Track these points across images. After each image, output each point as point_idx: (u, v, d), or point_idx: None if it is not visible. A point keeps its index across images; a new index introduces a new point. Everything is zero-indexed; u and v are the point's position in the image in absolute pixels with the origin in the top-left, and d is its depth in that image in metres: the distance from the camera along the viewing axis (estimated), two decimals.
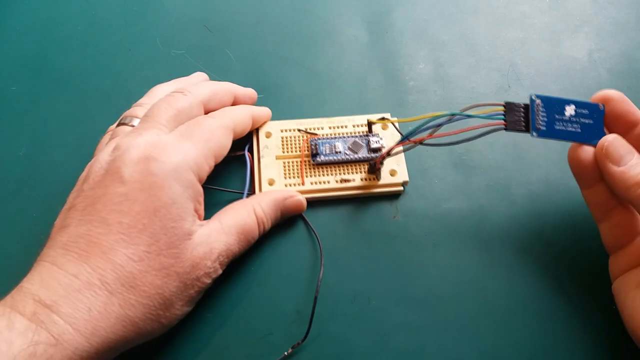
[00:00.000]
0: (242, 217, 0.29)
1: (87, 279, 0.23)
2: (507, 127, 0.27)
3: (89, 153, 0.33)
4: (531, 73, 0.39)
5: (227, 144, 0.30)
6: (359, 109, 0.37)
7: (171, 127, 0.29)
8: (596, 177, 0.27)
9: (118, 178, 0.25)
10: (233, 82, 0.35)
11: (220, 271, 0.28)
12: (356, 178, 0.32)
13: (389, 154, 0.30)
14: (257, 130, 0.34)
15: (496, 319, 0.29)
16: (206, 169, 0.28)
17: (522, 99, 0.37)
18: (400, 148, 0.29)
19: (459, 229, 0.32)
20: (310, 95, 0.38)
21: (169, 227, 0.25)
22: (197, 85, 0.32)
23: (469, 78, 0.39)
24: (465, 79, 0.39)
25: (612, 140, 0.26)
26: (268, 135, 0.34)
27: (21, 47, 0.40)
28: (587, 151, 0.27)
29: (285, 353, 0.27)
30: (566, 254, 0.31)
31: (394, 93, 0.38)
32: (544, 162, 0.34)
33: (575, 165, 0.28)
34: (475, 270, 0.30)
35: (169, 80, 0.35)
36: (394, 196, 0.33)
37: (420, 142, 0.28)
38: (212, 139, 0.28)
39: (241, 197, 0.31)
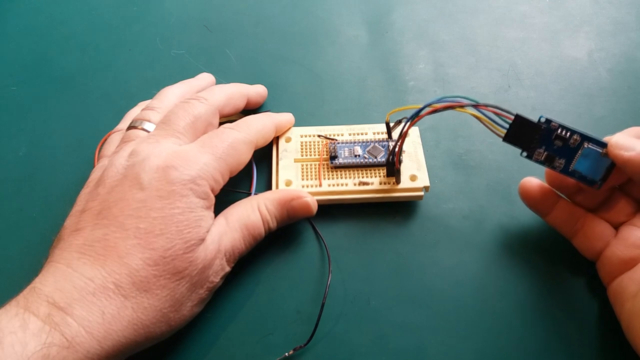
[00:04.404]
0: (246, 213, 0.29)
1: (102, 283, 0.24)
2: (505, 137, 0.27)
3: (89, 153, 0.34)
4: (531, 73, 0.39)
5: (246, 160, 0.30)
6: (359, 109, 0.37)
7: (188, 135, 0.29)
8: (551, 201, 0.29)
9: (137, 184, 0.26)
10: (232, 82, 0.35)
11: (228, 268, 0.28)
12: (375, 182, 0.32)
13: (402, 145, 0.30)
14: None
15: (496, 318, 0.29)
16: (221, 183, 0.28)
17: (521, 99, 0.37)
18: (415, 129, 0.29)
19: (459, 229, 0.32)
20: (310, 95, 0.38)
21: (185, 233, 0.25)
22: (212, 91, 0.32)
23: (469, 78, 0.39)
24: (465, 79, 0.39)
25: (619, 135, 0.26)
26: (288, 140, 0.34)
27: (21, 47, 0.40)
28: (535, 183, 0.30)
29: (287, 354, 0.27)
30: (566, 254, 0.31)
31: (394, 93, 0.38)
32: None
33: (530, 199, 0.30)
34: (475, 270, 0.30)
35: (170, 80, 0.35)
36: (408, 212, 0.32)
37: (421, 115, 0.28)
38: (232, 154, 0.28)
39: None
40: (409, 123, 0.29)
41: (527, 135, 0.27)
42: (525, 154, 0.28)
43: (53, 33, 0.41)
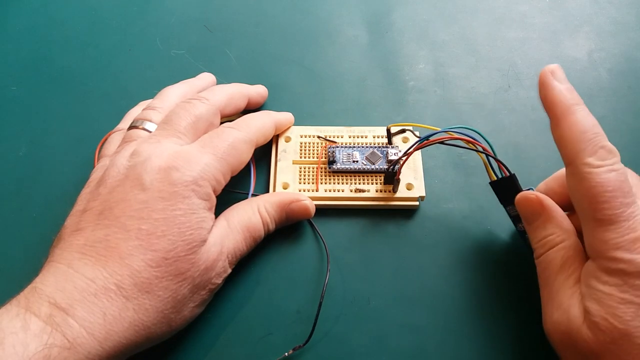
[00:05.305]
0: (248, 215, 0.29)
1: (104, 284, 0.24)
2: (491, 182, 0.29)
3: (89, 153, 0.34)
4: (531, 73, 0.39)
5: (247, 159, 0.30)
6: (359, 109, 0.37)
7: (189, 135, 0.29)
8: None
9: (139, 185, 0.26)
10: (233, 83, 0.35)
11: (229, 270, 0.28)
12: (371, 189, 0.32)
13: (406, 156, 0.30)
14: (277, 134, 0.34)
15: (496, 319, 0.29)
16: (222, 183, 0.28)
17: (521, 99, 0.37)
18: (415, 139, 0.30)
19: (459, 229, 0.32)
20: (310, 95, 0.38)
21: (187, 235, 0.25)
22: (213, 91, 0.32)
23: (469, 78, 0.39)
24: (465, 79, 0.39)
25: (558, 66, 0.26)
26: (287, 139, 0.34)
27: (21, 47, 0.40)
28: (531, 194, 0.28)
29: (286, 354, 0.27)
30: None
31: (394, 93, 0.38)
32: (544, 162, 0.34)
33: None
34: (475, 270, 0.30)
35: (170, 80, 0.35)
36: (408, 211, 0.32)
37: (441, 142, 0.29)
38: (233, 153, 0.28)
39: (246, 198, 0.31)
40: (419, 143, 0.29)
41: (509, 191, 0.29)
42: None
43: (53, 33, 0.41)
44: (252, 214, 0.29)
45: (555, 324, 0.25)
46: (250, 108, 0.35)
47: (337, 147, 0.33)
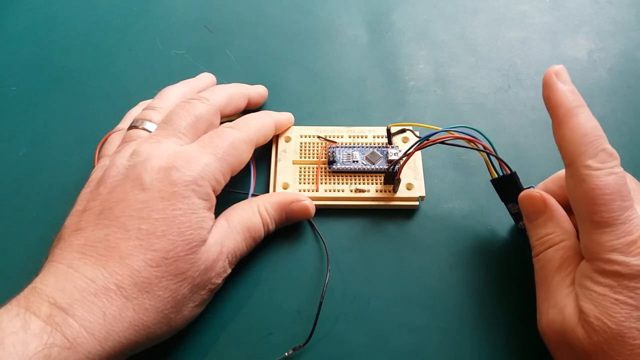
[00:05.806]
0: (248, 215, 0.29)
1: (104, 284, 0.24)
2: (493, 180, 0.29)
3: (89, 153, 0.34)
4: (531, 73, 0.39)
5: (247, 159, 0.30)
6: (359, 109, 0.37)
7: (189, 135, 0.29)
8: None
9: (139, 185, 0.26)
10: (233, 83, 0.35)
11: (229, 270, 0.28)
12: (371, 189, 0.32)
13: (407, 155, 0.30)
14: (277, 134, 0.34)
15: (496, 318, 0.29)
16: (222, 183, 0.28)
17: (521, 99, 0.37)
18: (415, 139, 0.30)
19: (459, 229, 0.32)
20: (310, 95, 0.38)
21: (187, 234, 0.25)
22: (213, 91, 0.32)
23: (469, 78, 0.39)
24: (465, 79, 0.39)
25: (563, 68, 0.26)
26: (287, 139, 0.34)
27: (21, 47, 0.40)
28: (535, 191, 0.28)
29: (286, 354, 0.27)
30: None
31: (394, 93, 0.38)
32: (543, 162, 0.34)
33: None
34: (475, 270, 0.30)
35: (170, 80, 0.35)
36: (408, 211, 0.32)
37: (442, 142, 0.29)
38: (233, 153, 0.28)
39: (246, 198, 0.31)
40: (420, 143, 0.29)
41: (510, 189, 0.29)
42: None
43: (53, 33, 0.41)
44: (252, 214, 0.29)
45: (550, 322, 0.25)
46: (250, 108, 0.35)
47: (337, 147, 0.33)
